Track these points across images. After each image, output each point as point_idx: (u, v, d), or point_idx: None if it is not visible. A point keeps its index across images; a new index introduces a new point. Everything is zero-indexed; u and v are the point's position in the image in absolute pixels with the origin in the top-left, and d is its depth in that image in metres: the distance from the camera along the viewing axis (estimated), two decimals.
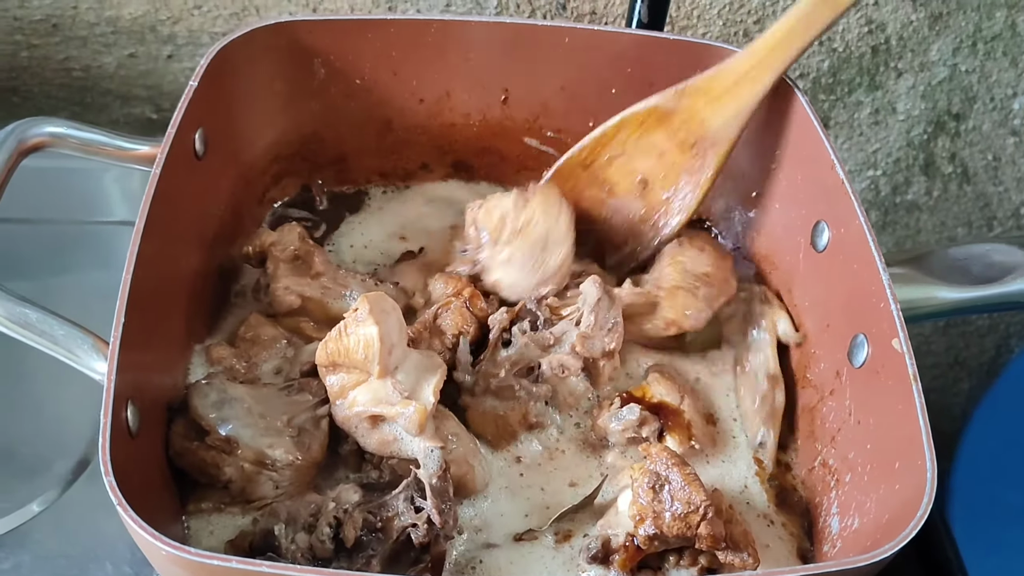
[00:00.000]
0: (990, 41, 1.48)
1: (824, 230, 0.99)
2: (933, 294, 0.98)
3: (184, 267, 0.97)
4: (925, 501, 0.75)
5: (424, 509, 0.84)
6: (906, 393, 0.82)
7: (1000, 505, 1.65)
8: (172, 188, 0.91)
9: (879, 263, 0.90)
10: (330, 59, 1.09)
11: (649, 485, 0.85)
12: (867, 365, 0.90)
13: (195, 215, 1.00)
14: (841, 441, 0.92)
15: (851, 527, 0.86)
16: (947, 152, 1.59)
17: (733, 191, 1.15)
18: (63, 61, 1.37)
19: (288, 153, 1.14)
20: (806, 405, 0.99)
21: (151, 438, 0.85)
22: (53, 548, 0.98)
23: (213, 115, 1.01)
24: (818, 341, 0.99)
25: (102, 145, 0.99)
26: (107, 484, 0.71)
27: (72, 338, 0.83)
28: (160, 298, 0.89)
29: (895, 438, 0.83)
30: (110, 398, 0.75)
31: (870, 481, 0.86)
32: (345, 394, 0.89)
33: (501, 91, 1.14)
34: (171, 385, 0.92)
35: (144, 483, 0.81)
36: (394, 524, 0.84)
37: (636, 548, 0.85)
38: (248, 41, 1.03)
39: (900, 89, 1.51)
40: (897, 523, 0.75)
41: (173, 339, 0.94)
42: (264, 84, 1.08)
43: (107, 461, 0.72)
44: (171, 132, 0.93)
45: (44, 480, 1.01)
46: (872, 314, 0.89)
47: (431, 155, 1.16)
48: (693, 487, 0.83)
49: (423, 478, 0.85)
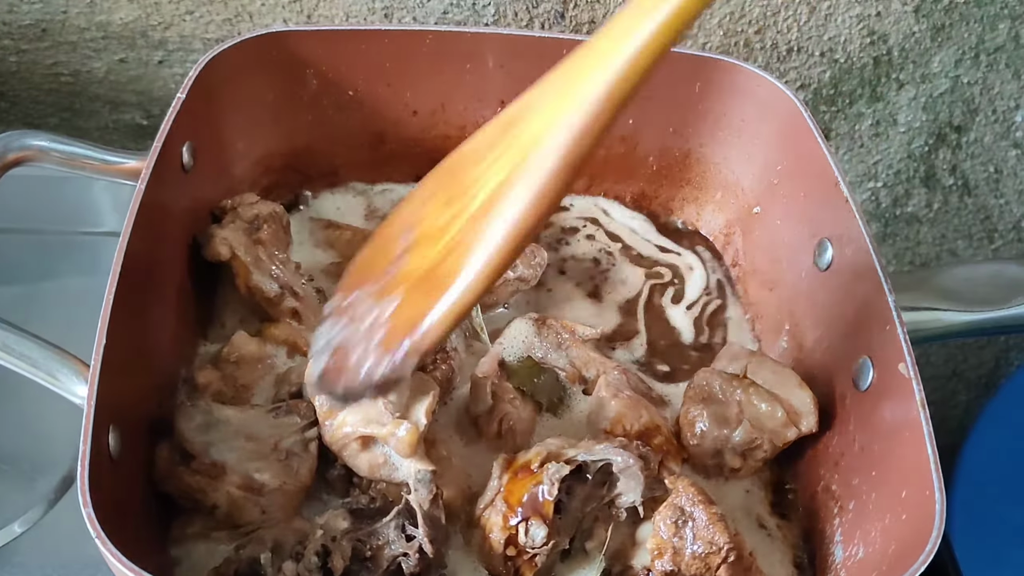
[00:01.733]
0: (993, 53, 1.46)
1: (828, 248, 0.98)
2: (939, 317, 0.96)
3: (170, 285, 0.94)
4: (934, 535, 0.73)
5: (416, 538, 0.82)
6: (913, 419, 0.80)
7: (1001, 520, 1.63)
8: (158, 203, 0.89)
9: (885, 284, 0.88)
10: (322, 70, 1.07)
11: (672, 520, 0.82)
12: (872, 390, 0.88)
13: (182, 231, 0.97)
14: (844, 467, 0.90)
15: (855, 556, 0.84)
16: (948, 164, 1.58)
17: (734, 207, 1.14)
18: (52, 66, 1.35)
19: (279, 165, 1.12)
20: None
21: (133, 461, 0.82)
22: (36, 568, 0.96)
23: (202, 127, 0.99)
24: (820, 363, 0.97)
25: (87, 159, 0.97)
26: (85, 516, 0.69)
27: (52, 362, 0.81)
28: (144, 317, 0.87)
29: (901, 466, 0.81)
30: (90, 424, 0.73)
31: (875, 510, 0.84)
32: (334, 414, 0.87)
33: (497, 103, 1.12)
34: (156, 405, 0.89)
35: (125, 508, 0.78)
36: (384, 553, 0.82)
37: None
38: (238, 51, 1.02)
39: (901, 101, 1.49)
40: (904, 555, 0.74)
41: (158, 360, 0.91)
42: (255, 95, 1.06)
43: (85, 491, 0.70)
44: (157, 146, 0.91)
45: (27, 499, 0.99)
46: (877, 337, 0.88)
47: (425, 168, 1.13)
48: (717, 527, 0.80)
49: (414, 504, 0.82)
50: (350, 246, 1.08)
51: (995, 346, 1.83)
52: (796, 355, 1.01)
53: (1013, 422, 1.72)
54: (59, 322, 0.89)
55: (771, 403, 0.91)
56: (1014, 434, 1.70)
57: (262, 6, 1.30)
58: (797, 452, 0.96)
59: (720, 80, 1.08)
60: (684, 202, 1.18)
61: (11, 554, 0.96)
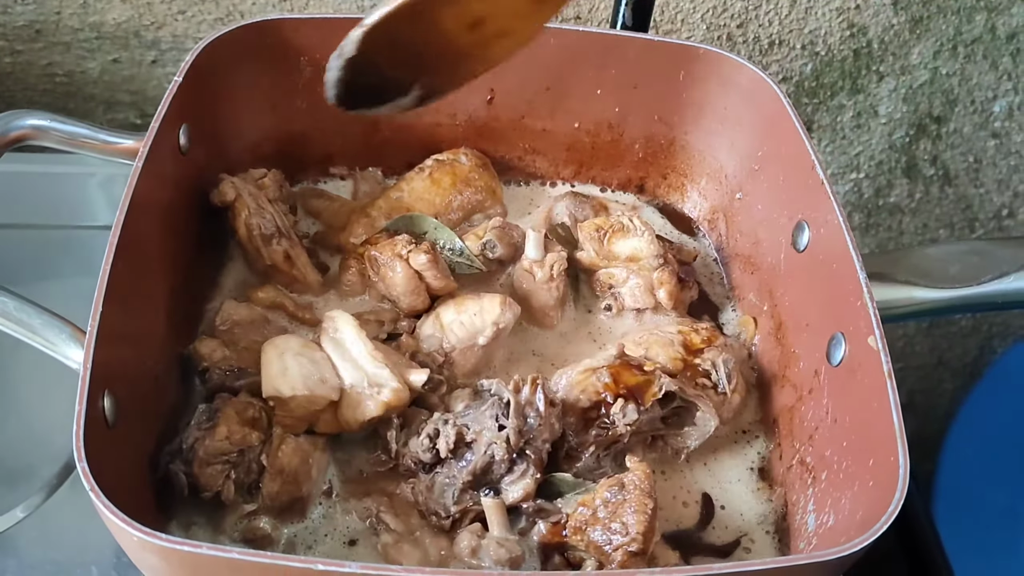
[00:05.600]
0: (970, 44, 1.49)
1: (804, 230, 1.00)
2: (911, 294, 0.98)
3: (167, 260, 0.96)
4: (897, 496, 0.75)
5: (505, 428, 0.87)
6: (881, 390, 0.82)
7: (985, 504, 1.66)
8: (156, 181, 0.91)
9: (856, 261, 0.90)
10: (316, 58, 1.09)
11: (609, 489, 0.85)
12: (844, 363, 0.90)
13: (179, 210, 1.00)
14: (818, 439, 0.92)
15: (826, 524, 0.86)
16: (929, 155, 1.60)
17: (718, 193, 1.16)
18: (46, 67, 1.37)
19: (272, 151, 1.14)
20: (785, 405, 0.99)
21: (130, 432, 0.84)
22: (38, 554, 0.98)
23: (198, 111, 1.01)
24: (798, 340, 0.99)
25: (85, 138, 0.98)
26: (80, 470, 0.71)
27: (49, 327, 0.84)
28: (140, 288, 0.89)
29: (870, 435, 0.83)
30: (85, 385, 0.75)
31: (845, 478, 0.86)
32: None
33: (487, 91, 1.15)
34: (153, 378, 0.92)
35: (120, 476, 0.80)
36: (482, 439, 0.87)
37: (561, 531, 0.86)
38: (234, 39, 1.04)
39: (882, 92, 1.52)
40: (870, 519, 0.76)
41: (154, 331, 0.93)
42: (250, 82, 1.08)
43: (80, 447, 0.72)
44: (155, 125, 0.93)
45: (28, 485, 1.00)
46: (849, 313, 0.90)
47: (417, 155, 1.17)
48: (638, 517, 0.82)
49: (508, 395, 0.88)
50: (337, 216, 1.12)
51: (979, 335, 1.85)
52: (776, 334, 1.03)
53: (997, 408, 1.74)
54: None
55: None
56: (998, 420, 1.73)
57: (253, 5, 1.33)
58: (775, 427, 1.00)
59: (704, 69, 1.11)
60: (670, 188, 1.21)
61: (14, 539, 0.98)
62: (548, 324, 1.06)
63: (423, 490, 0.89)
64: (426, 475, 0.89)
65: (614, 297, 1.07)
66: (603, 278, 1.08)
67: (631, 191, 1.22)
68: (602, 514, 0.84)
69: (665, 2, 1.39)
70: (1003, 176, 1.66)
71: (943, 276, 0.98)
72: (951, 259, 1.00)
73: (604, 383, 0.92)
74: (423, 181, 1.11)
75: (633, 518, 0.82)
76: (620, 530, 0.82)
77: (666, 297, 1.05)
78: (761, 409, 1.03)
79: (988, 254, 1.02)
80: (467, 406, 0.91)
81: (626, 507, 0.83)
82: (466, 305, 0.99)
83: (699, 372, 0.97)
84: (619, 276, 1.06)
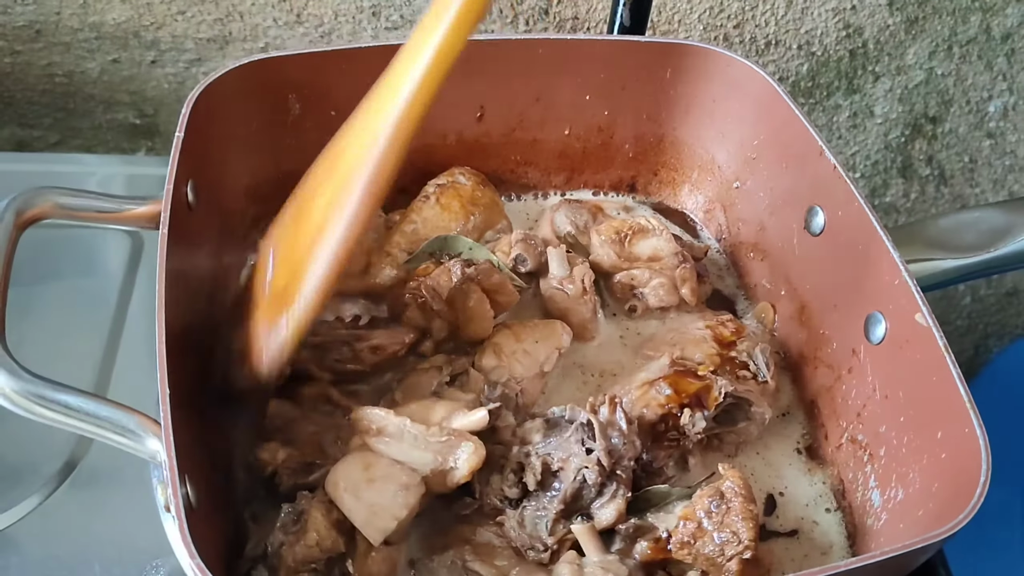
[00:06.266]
0: (965, 45, 1.50)
1: (818, 213, 1.00)
2: (935, 265, 1.01)
3: (199, 320, 0.93)
4: (983, 465, 0.77)
5: (594, 451, 0.86)
6: (939, 364, 0.83)
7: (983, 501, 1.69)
8: (177, 242, 0.88)
9: (887, 241, 0.90)
10: (304, 93, 1.07)
11: (710, 500, 0.84)
12: (887, 341, 0.90)
13: (196, 265, 0.97)
14: (868, 417, 0.92)
15: (895, 499, 0.87)
16: (924, 155, 1.60)
17: (710, 185, 1.17)
18: (46, 67, 1.35)
19: (266, 193, 1.10)
20: (823, 385, 0.99)
21: (206, 508, 0.79)
22: (41, 551, 0.96)
23: (199, 163, 0.97)
24: (826, 322, 0.99)
25: (100, 211, 0.95)
26: (194, 567, 0.67)
27: (122, 420, 0.79)
28: (189, 357, 0.86)
29: (932, 409, 0.84)
30: (175, 475, 0.72)
31: (909, 453, 0.86)
32: None
33: (477, 108, 1.13)
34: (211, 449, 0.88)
35: (209, 559, 0.77)
36: (570, 466, 0.86)
37: (665, 547, 0.85)
38: (222, 84, 1.00)
39: (878, 92, 1.52)
40: (953, 491, 0.76)
41: (210, 406, 0.90)
42: (241, 125, 1.05)
43: (189, 543, 0.68)
44: (168, 187, 0.89)
45: (30, 483, 0.99)
46: (885, 291, 0.90)
47: (409, 178, 1.14)
48: (747, 524, 0.82)
49: (590, 416, 0.87)
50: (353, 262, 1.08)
51: (975, 334, 1.86)
52: (799, 316, 1.03)
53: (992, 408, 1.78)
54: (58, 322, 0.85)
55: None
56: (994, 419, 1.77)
57: (252, 5, 1.30)
58: (815, 408, 1.01)
59: (689, 65, 1.10)
60: (661, 184, 1.20)
61: (17, 536, 0.96)
62: (588, 338, 1.04)
63: (515, 526, 0.86)
64: (514, 511, 0.87)
65: (637, 298, 1.07)
66: (624, 280, 1.06)
67: (623, 191, 1.22)
68: (708, 525, 0.83)
69: (663, 3, 1.40)
70: (998, 176, 1.67)
71: (960, 245, 1.01)
72: (963, 228, 1.03)
73: (666, 395, 0.93)
74: (432, 208, 1.08)
75: (742, 525, 0.82)
76: (731, 539, 0.82)
77: (690, 293, 1.05)
78: (795, 392, 1.03)
79: (997, 219, 1.05)
80: (545, 436, 0.89)
81: (732, 515, 0.83)
82: (525, 333, 0.98)
83: (736, 364, 0.98)
84: (641, 277, 1.06)
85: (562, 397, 0.98)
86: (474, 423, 0.88)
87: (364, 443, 0.89)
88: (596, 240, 1.08)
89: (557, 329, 0.99)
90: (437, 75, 0.78)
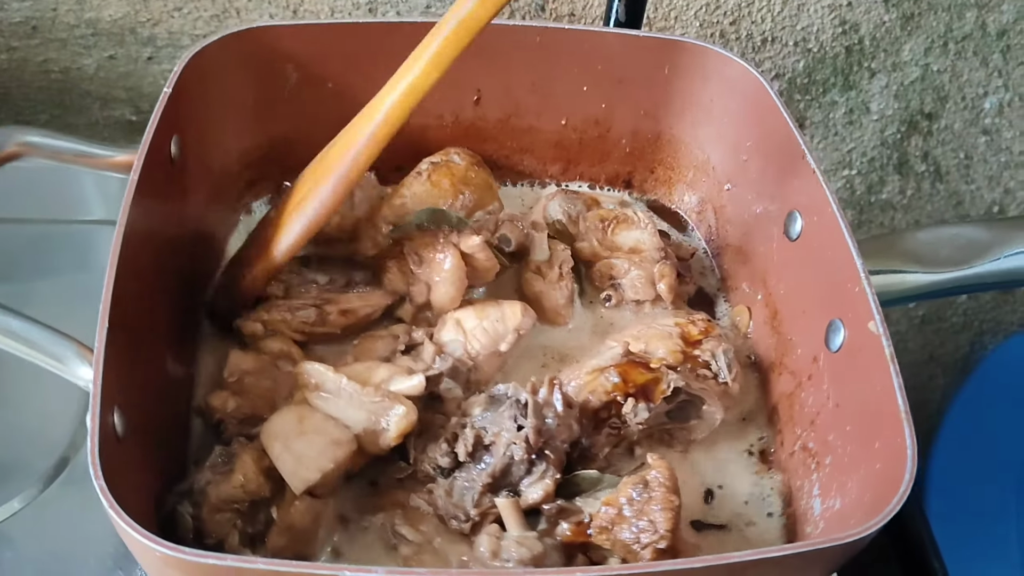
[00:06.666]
0: (961, 41, 1.49)
1: (797, 219, 1.00)
2: (904, 279, 0.99)
3: (165, 271, 0.94)
4: (907, 478, 0.75)
5: (524, 428, 0.86)
6: (884, 374, 0.82)
7: (977, 499, 1.66)
8: (150, 194, 0.89)
9: (852, 248, 0.89)
10: (302, 64, 1.08)
11: (633, 487, 0.84)
12: (844, 349, 0.90)
13: (173, 219, 0.99)
14: (820, 425, 0.92)
15: (833, 508, 0.86)
16: (920, 151, 1.60)
17: (706, 185, 1.16)
18: (42, 63, 1.36)
19: (260, 158, 1.12)
20: (784, 392, 0.99)
21: (139, 449, 0.82)
22: (36, 545, 0.97)
23: (187, 122, 0.99)
24: (794, 328, 0.99)
25: (78, 154, 0.98)
26: (97, 488, 0.69)
27: (56, 344, 0.82)
28: (143, 302, 0.88)
29: (874, 418, 0.83)
30: (97, 403, 0.74)
31: (850, 462, 0.86)
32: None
33: (474, 91, 1.14)
34: (162, 395, 0.91)
35: (135, 491, 0.78)
36: (501, 440, 0.87)
37: (586, 531, 0.85)
38: (221, 47, 1.02)
39: (874, 89, 1.52)
40: (879, 501, 0.75)
41: (157, 343, 0.92)
42: (237, 90, 1.07)
43: (96, 465, 0.70)
44: (147, 138, 0.91)
45: (25, 478, 1.00)
46: (847, 299, 0.90)
47: (404, 157, 1.16)
48: (665, 514, 0.82)
49: (525, 395, 0.88)
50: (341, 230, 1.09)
51: (970, 331, 1.85)
52: (771, 322, 1.03)
53: (988, 403, 1.74)
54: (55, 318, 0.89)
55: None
56: (989, 415, 1.73)
57: (248, 2, 1.32)
58: (775, 414, 1.00)
59: (688, 63, 1.10)
60: (657, 182, 1.20)
61: (11, 531, 0.97)
62: (561, 322, 1.06)
63: (442, 495, 0.88)
64: (444, 480, 0.88)
65: (614, 288, 1.07)
66: (603, 269, 1.07)
67: (619, 186, 1.21)
68: (628, 512, 0.83)
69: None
70: (994, 172, 1.66)
71: (935, 259, 0.99)
72: (941, 243, 1.01)
73: (613, 383, 0.93)
74: (422, 185, 1.09)
75: (661, 515, 0.82)
76: (647, 528, 0.82)
77: (666, 290, 1.04)
78: (760, 397, 1.03)
79: (977, 236, 1.03)
80: (484, 410, 0.90)
81: (652, 505, 0.83)
82: (487, 311, 0.98)
83: (699, 363, 0.97)
84: (620, 267, 1.06)
85: (520, 376, 0.98)
86: (410, 388, 0.89)
87: (304, 397, 0.90)
88: (582, 227, 1.08)
89: (519, 310, 0.99)
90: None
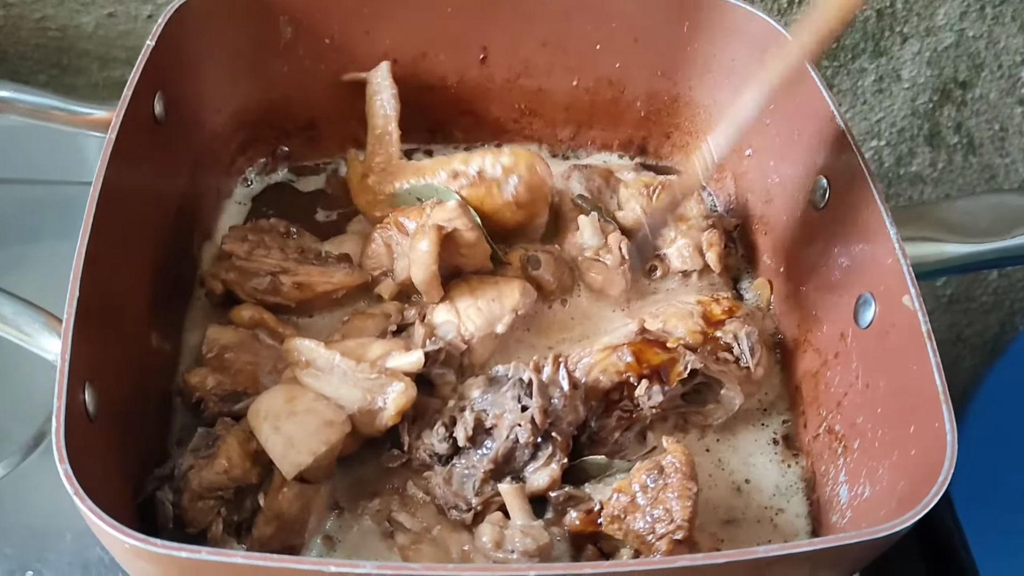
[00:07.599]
0: (999, 5, 1.43)
1: (824, 185, 0.95)
2: (941, 249, 0.92)
3: (146, 240, 0.90)
4: (946, 466, 0.70)
5: (529, 408, 0.82)
6: (920, 352, 0.77)
7: (1005, 485, 1.61)
8: (131, 154, 0.85)
9: (886, 217, 0.85)
10: (297, 17, 1.04)
11: (648, 474, 0.80)
12: (875, 325, 0.85)
13: (157, 184, 0.94)
14: (848, 406, 0.87)
15: (862, 496, 0.81)
16: (952, 122, 1.54)
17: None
18: (39, 20, 1.32)
19: (254, 119, 1.09)
20: (808, 370, 0.94)
21: (113, 423, 0.77)
22: (12, 519, 0.94)
23: (173, 78, 0.96)
24: (820, 303, 0.94)
25: (53, 109, 0.95)
26: (61, 472, 0.65)
27: (23, 316, 0.79)
28: (120, 272, 0.83)
29: (908, 400, 0.78)
30: (64, 378, 0.69)
31: (881, 447, 0.81)
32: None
33: (480, 50, 1.09)
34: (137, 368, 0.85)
35: (106, 473, 0.74)
36: (504, 423, 0.82)
37: (596, 520, 0.81)
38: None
39: (905, 55, 1.46)
40: (915, 489, 0.71)
41: (136, 318, 0.87)
42: (228, 45, 1.03)
43: (61, 447, 0.66)
44: (127, 95, 0.88)
45: (4, 447, 0.97)
46: (879, 271, 0.84)
47: (407, 119, 1.10)
48: (682, 502, 0.78)
49: (530, 374, 0.83)
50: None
51: (1000, 311, 1.80)
52: (794, 296, 0.98)
53: (1018, 386, 1.70)
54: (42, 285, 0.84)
55: None
56: (1019, 398, 1.68)
57: None
58: (798, 394, 0.94)
59: (709, 19, 1.05)
60: (674, 148, 1.15)
61: None
62: (620, 303, 1.01)
63: (440, 483, 0.83)
64: (443, 467, 0.84)
65: (659, 259, 1.02)
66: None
67: (633, 152, 1.16)
68: (642, 501, 0.79)
69: None
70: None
71: (974, 229, 0.92)
72: (981, 211, 0.95)
73: (626, 363, 0.87)
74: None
75: (677, 504, 0.77)
76: (663, 517, 0.77)
77: (715, 259, 1.00)
78: (782, 375, 0.98)
79: (1016, 205, 0.96)
80: (484, 392, 0.86)
81: (668, 492, 0.79)
82: (483, 290, 0.93)
83: (720, 345, 0.92)
84: (666, 236, 1.01)
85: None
86: (409, 364, 0.84)
87: (294, 376, 0.85)
88: (624, 193, 1.03)
89: (516, 289, 0.93)
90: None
